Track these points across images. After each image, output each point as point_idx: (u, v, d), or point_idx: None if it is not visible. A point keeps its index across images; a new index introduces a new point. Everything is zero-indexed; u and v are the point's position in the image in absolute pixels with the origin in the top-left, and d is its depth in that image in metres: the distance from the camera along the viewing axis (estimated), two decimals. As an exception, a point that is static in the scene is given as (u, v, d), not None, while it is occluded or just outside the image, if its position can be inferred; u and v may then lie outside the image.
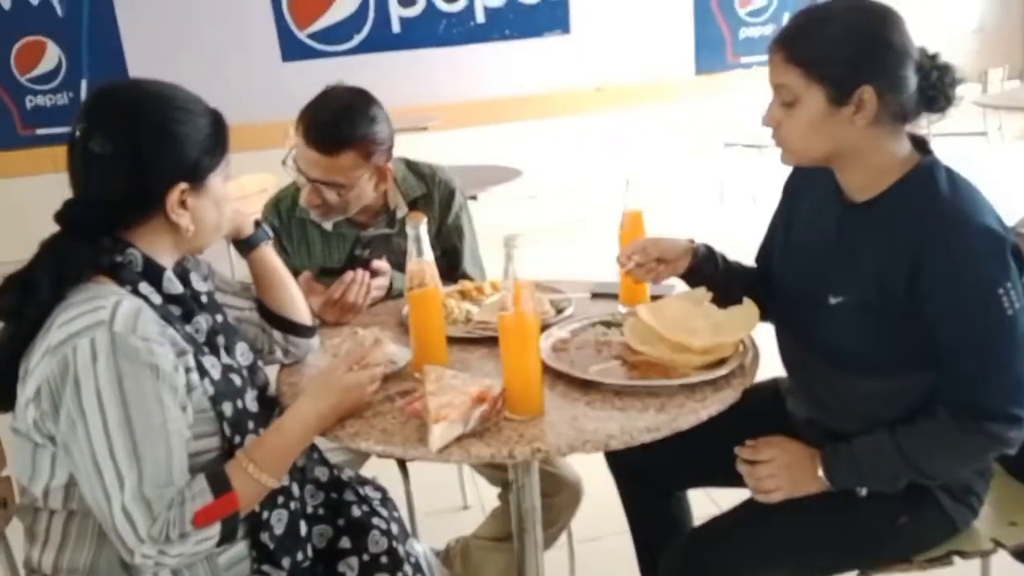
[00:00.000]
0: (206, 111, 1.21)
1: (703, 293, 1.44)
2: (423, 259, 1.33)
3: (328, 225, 1.82)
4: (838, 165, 1.30)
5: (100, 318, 1.08)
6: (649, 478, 1.65)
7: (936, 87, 1.24)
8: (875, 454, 1.28)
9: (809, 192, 1.43)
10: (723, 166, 5.66)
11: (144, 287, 1.17)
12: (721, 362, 1.31)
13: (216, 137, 1.20)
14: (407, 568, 1.39)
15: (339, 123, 1.67)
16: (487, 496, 2.54)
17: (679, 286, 1.69)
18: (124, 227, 1.18)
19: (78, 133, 1.15)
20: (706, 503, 1.84)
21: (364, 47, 6.06)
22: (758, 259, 1.57)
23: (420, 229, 1.33)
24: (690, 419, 1.18)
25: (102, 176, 1.15)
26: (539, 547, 1.54)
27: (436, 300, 1.36)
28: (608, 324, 1.50)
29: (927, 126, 1.34)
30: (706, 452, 1.39)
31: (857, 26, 1.23)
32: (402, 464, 2.01)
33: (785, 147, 1.30)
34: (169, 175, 1.16)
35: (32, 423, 1.11)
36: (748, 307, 1.37)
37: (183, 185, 1.17)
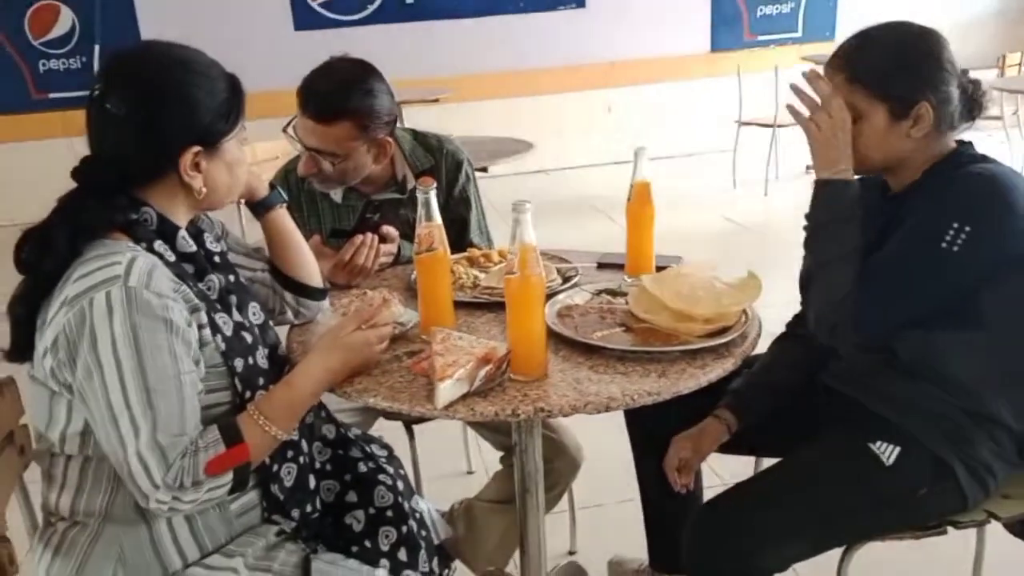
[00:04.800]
0: (223, 75, 1.23)
1: (710, 264, 1.47)
2: (432, 223, 1.36)
3: (338, 196, 1.84)
4: (889, 171, 1.40)
5: (115, 273, 1.11)
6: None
7: (973, 98, 1.38)
8: (843, 232, 1.35)
9: (866, 196, 1.48)
10: (737, 144, 5.64)
11: (158, 245, 1.20)
12: (723, 331, 1.34)
13: (232, 102, 1.22)
14: (411, 523, 1.43)
15: (335, 93, 1.68)
16: (491, 461, 2.57)
17: (686, 257, 1.72)
18: (139, 186, 1.21)
19: (96, 93, 1.17)
20: (710, 476, 1.88)
21: (377, 17, 6.05)
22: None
23: (430, 194, 1.35)
24: (690, 384, 1.21)
25: (117, 136, 1.17)
26: (541, 508, 1.58)
27: (444, 264, 1.38)
28: (613, 293, 1.53)
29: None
30: None
31: (914, 46, 1.36)
32: (408, 427, 2.05)
33: None
34: (182, 138, 1.18)
35: (49, 371, 1.14)
36: (751, 278, 1.39)
37: (196, 148, 1.19)
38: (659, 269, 1.63)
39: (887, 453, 1.37)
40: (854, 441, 1.40)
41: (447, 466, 2.58)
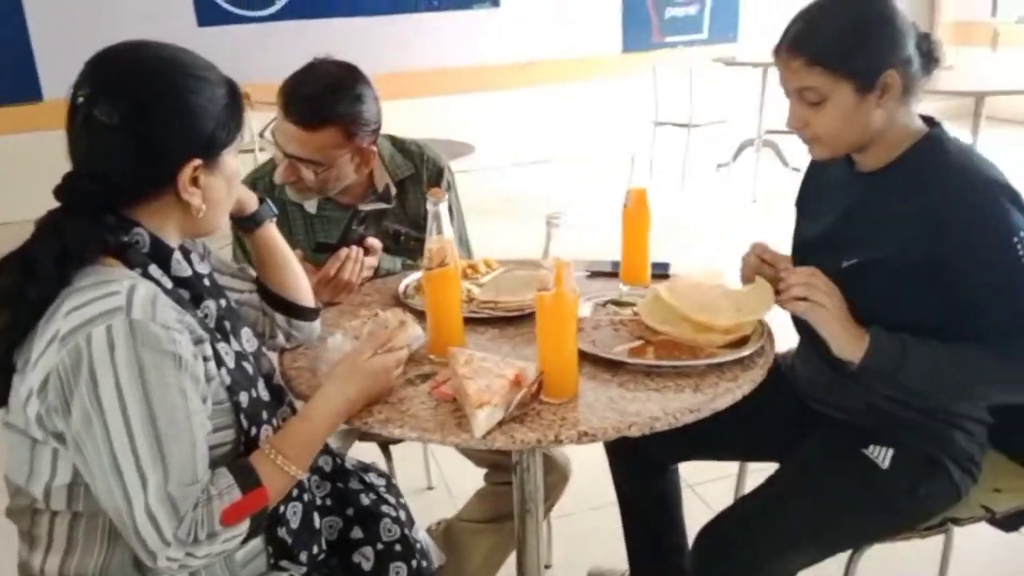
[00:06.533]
0: (222, 80, 1.11)
1: (716, 272, 1.45)
2: (443, 237, 1.28)
3: (311, 207, 1.73)
4: (862, 148, 1.35)
5: (116, 304, 0.98)
6: (644, 451, 1.66)
7: (929, 53, 1.31)
8: (923, 353, 1.26)
9: (826, 173, 1.48)
10: (653, 144, 5.73)
11: (154, 270, 1.08)
12: (742, 341, 1.32)
13: (232, 109, 1.11)
14: (417, 555, 1.35)
15: (322, 98, 1.58)
16: (451, 477, 2.51)
17: (674, 264, 1.70)
18: (128, 204, 1.08)
19: (81, 99, 1.04)
20: (689, 495, 1.87)
21: (285, 14, 5.80)
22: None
23: (440, 206, 1.27)
24: (726, 399, 1.18)
25: (107, 148, 1.04)
26: (540, 527, 1.53)
27: (456, 280, 1.31)
28: (618, 303, 1.49)
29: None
30: (701, 424, 1.38)
31: (863, 15, 1.29)
32: (384, 448, 1.96)
33: (818, 143, 1.35)
34: (182, 150, 1.07)
35: (34, 418, 1.00)
36: (762, 285, 1.38)
37: (196, 161, 1.07)
38: (656, 277, 1.60)
39: (881, 456, 1.39)
40: (847, 448, 1.42)
41: (407, 483, 2.46)
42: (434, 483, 2.52)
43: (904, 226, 1.29)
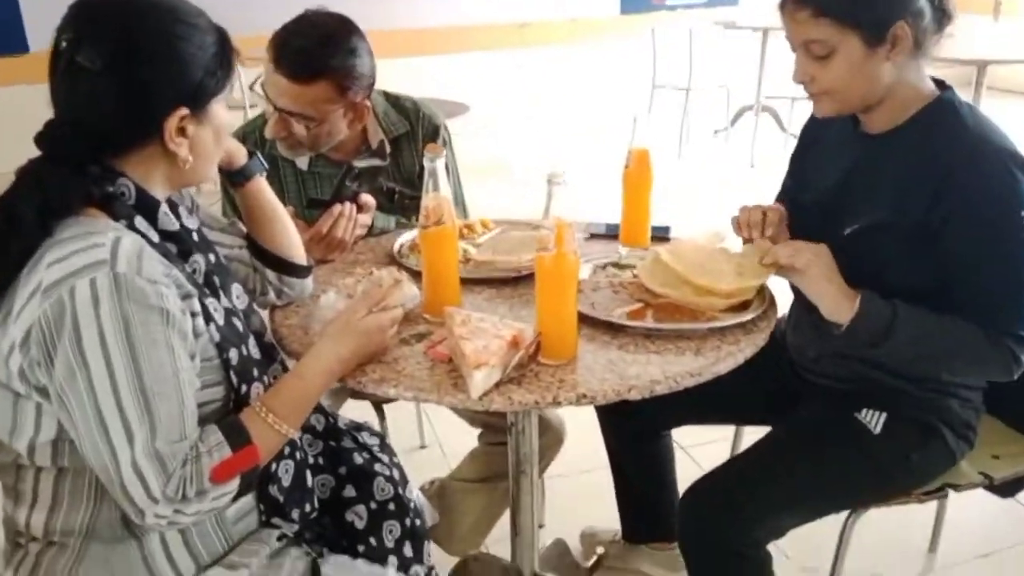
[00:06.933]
0: (211, 27, 1.07)
1: (717, 234, 1.42)
2: (440, 194, 1.24)
3: (303, 163, 1.68)
4: (869, 107, 1.30)
5: (100, 256, 0.95)
6: (636, 417, 1.64)
7: (941, 6, 1.26)
8: (913, 320, 1.23)
9: (826, 132, 1.43)
10: (651, 108, 5.66)
11: (139, 222, 1.04)
12: (743, 306, 1.30)
13: (222, 57, 1.06)
14: (411, 513, 1.34)
15: (315, 50, 1.53)
16: (444, 435, 2.50)
17: (675, 227, 1.67)
18: (114, 154, 1.04)
19: (64, 44, 0.99)
20: (682, 457, 1.87)
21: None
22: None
23: (438, 163, 1.23)
24: (728, 363, 1.16)
25: (91, 95, 1.00)
26: (535, 488, 1.53)
27: (452, 239, 1.28)
28: (617, 266, 1.46)
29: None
30: (695, 390, 1.36)
31: None
32: (378, 407, 1.94)
33: (824, 99, 1.30)
34: (169, 98, 1.02)
35: (17, 372, 0.97)
36: (765, 248, 1.35)
37: (184, 111, 1.03)
38: (656, 239, 1.58)
39: (873, 421, 1.38)
40: (839, 412, 1.41)
41: (400, 442, 2.45)
42: (427, 442, 2.51)
43: (909, 188, 1.26)
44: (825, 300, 1.25)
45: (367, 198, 1.60)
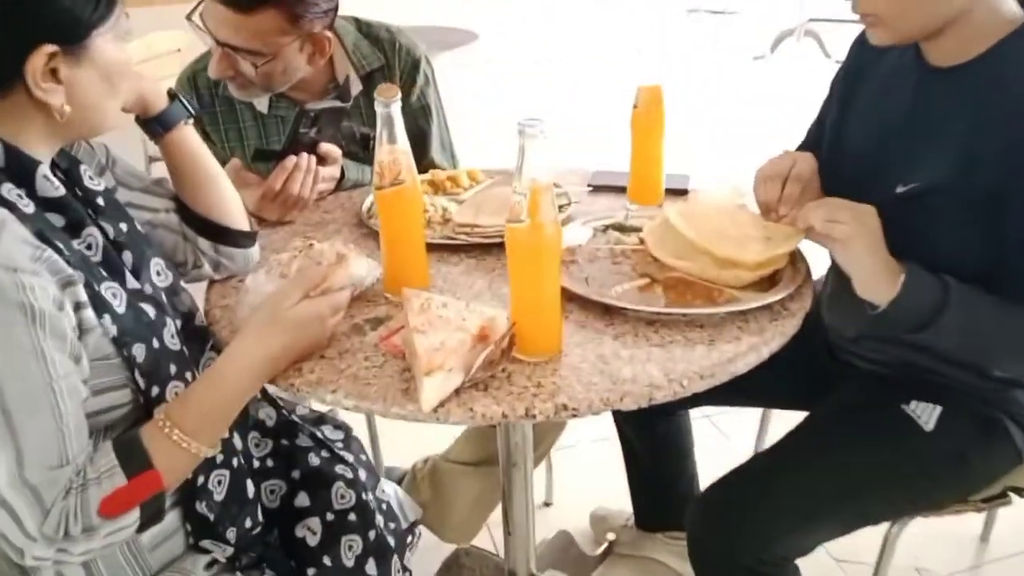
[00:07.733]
0: None
1: (737, 190, 1.17)
2: (396, 147, 1.01)
3: (263, 106, 1.44)
4: (933, 35, 1.03)
5: None
6: None
7: None
8: (968, 304, 1.00)
9: (876, 66, 1.16)
10: (685, 33, 5.29)
11: (8, 190, 0.84)
12: (772, 280, 1.06)
13: None
14: (379, 519, 1.15)
15: None
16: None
17: (693, 177, 1.42)
18: None
19: None
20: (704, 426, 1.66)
21: None
22: None
23: (392, 107, 0.99)
24: (749, 359, 0.93)
25: None
26: (529, 481, 1.33)
27: (415, 201, 1.05)
28: (621, 228, 1.22)
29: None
30: None
31: None
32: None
33: (880, 25, 1.03)
34: (28, 33, 0.81)
35: None
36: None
37: (50, 48, 0.82)
38: (671, 192, 1.33)
39: (925, 416, 1.15)
40: (885, 402, 1.18)
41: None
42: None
43: (980, 140, 1.00)
44: (862, 274, 1.00)
45: (329, 147, 1.36)
